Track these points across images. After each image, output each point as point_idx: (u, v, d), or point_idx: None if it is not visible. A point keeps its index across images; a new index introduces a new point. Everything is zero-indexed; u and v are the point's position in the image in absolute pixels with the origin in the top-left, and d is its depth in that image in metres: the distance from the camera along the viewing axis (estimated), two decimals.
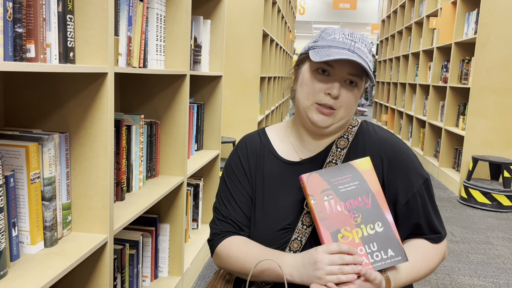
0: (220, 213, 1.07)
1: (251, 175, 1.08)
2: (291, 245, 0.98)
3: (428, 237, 1.03)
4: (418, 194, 1.00)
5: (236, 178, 1.08)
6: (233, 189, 1.07)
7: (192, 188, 2.27)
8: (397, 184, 1.00)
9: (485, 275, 2.44)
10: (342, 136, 1.04)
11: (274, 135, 1.11)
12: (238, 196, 1.07)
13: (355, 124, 1.07)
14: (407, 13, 7.24)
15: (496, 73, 3.97)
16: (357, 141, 1.04)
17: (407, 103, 6.78)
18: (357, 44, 0.95)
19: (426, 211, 1.01)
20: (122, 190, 1.46)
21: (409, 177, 1.00)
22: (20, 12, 0.88)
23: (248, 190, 1.07)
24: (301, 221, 0.99)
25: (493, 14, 3.90)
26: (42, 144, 1.03)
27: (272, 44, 4.61)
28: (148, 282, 1.77)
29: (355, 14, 14.08)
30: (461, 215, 3.53)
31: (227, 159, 1.14)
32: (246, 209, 1.06)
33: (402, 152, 1.02)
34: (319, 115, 0.96)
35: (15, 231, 0.98)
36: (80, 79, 1.11)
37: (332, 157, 1.02)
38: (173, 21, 1.74)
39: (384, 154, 1.01)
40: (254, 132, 1.14)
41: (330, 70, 0.95)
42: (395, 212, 1.00)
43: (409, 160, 1.02)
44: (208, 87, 2.44)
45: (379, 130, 1.06)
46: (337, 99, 0.95)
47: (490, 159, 3.76)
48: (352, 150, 1.03)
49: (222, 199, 1.09)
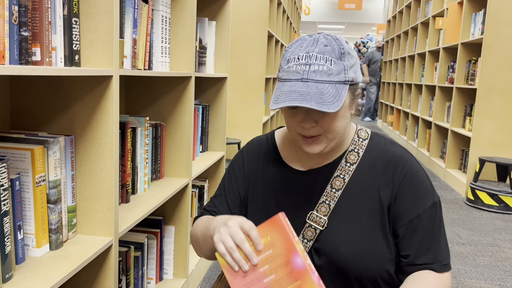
0: (211, 202, 1.11)
1: (249, 178, 1.07)
2: None
3: (432, 265, 0.95)
4: (423, 215, 0.94)
5: (234, 176, 1.09)
6: (228, 186, 1.09)
7: (197, 189, 2.27)
8: (402, 202, 0.95)
9: (492, 278, 2.41)
10: (352, 150, 0.99)
11: (281, 141, 1.08)
12: (229, 193, 1.08)
13: (366, 137, 1.01)
14: (413, 13, 7.20)
15: (503, 74, 3.93)
16: (368, 157, 0.99)
17: (413, 104, 6.75)
18: (312, 66, 0.86)
19: (431, 234, 0.95)
20: (127, 192, 1.46)
21: (417, 197, 0.96)
22: (25, 16, 0.89)
23: (241, 190, 1.07)
24: (302, 234, 0.96)
25: (500, 14, 3.87)
26: (48, 147, 1.03)
27: (277, 45, 4.60)
28: (153, 284, 1.77)
29: (360, 15, 14.03)
30: (468, 217, 3.50)
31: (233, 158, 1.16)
32: (234, 207, 1.07)
33: (413, 171, 0.97)
34: (307, 146, 0.93)
35: (21, 234, 0.98)
36: (85, 82, 1.11)
37: (340, 171, 0.98)
38: (178, 23, 1.74)
39: (394, 172, 0.97)
40: (263, 136, 1.13)
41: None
42: (396, 231, 0.95)
43: (420, 180, 0.97)
44: (213, 89, 2.43)
45: (391, 146, 1.00)
46: (314, 126, 0.90)
47: (497, 161, 3.73)
48: (361, 166, 0.98)
49: (218, 191, 1.12)
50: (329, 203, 0.96)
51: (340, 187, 0.97)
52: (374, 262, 0.93)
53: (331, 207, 0.96)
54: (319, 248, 0.95)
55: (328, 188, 0.97)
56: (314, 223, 0.96)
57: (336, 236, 0.95)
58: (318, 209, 0.96)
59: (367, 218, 0.95)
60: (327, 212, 0.96)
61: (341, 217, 0.96)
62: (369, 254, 0.93)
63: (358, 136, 1.02)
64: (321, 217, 0.96)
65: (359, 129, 1.04)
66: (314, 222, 0.96)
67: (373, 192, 0.96)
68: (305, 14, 12.96)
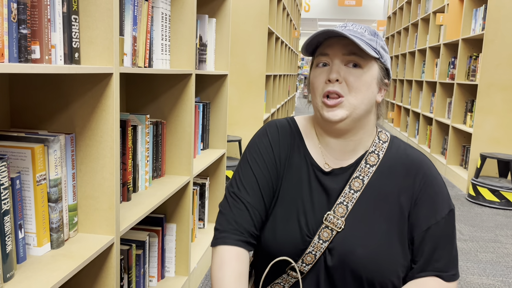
0: (238, 199, 0.96)
1: (280, 165, 0.98)
2: (305, 258, 0.93)
3: (441, 274, 0.94)
4: (441, 223, 0.94)
5: (264, 163, 0.98)
6: (259, 175, 0.97)
7: (198, 187, 2.27)
8: (422, 208, 0.94)
9: (494, 274, 2.41)
10: (373, 152, 0.97)
11: (304, 129, 1.02)
12: (263, 183, 0.96)
13: (386, 140, 1.00)
14: (414, 9, 7.18)
15: (504, 70, 3.92)
16: (388, 160, 0.97)
17: (414, 100, 6.74)
18: (348, 27, 0.92)
19: (446, 242, 0.95)
20: (128, 190, 1.46)
21: (436, 204, 0.95)
22: (24, 13, 0.88)
23: (274, 180, 0.98)
24: (318, 235, 0.93)
25: (500, 9, 3.86)
26: (48, 145, 1.03)
27: (277, 42, 4.59)
28: (155, 282, 1.77)
29: (360, 11, 14.00)
30: (469, 213, 3.50)
31: (252, 140, 1.03)
32: (268, 199, 0.97)
33: (433, 177, 0.96)
34: (328, 111, 0.91)
35: (22, 233, 0.98)
36: (85, 79, 1.11)
37: (359, 172, 0.96)
38: (178, 20, 1.74)
39: (415, 176, 0.96)
40: (283, 119, 1.05)
41: (327, 59, 0.92)
42: (413, 237, 0.94)
43: (439, 187, 0.96)
44: (213, 86, 2.43)
45: (411, 151, 1.00)
46: (340, 82, 0.90)
47: (499, 157, 3.73)
48: (381, 169, 0.96)
49: (243, 184, 0.97)
50: (346, 204, 0.94)
51: (358, 188, 0.95)
52: (388, 267, 0.91)
53: (348, 209, 0.94)
54: (334, 248, 0.93)
55: (346, 189, 0.95)
56: (331, 224, 0.93)
57: (352, 238, 0.92)
58: (335, 210, 0.94)
59: (385, 221, 0.93)
60: (344, 214, 0.93)
61: (359, 219, 0.93)
62: (384, 258, 0.91)
63: (378, 138, 1.00)
64: (338, 218, 0.93)
65: (379, 131, 1.02)
66: (331, 223, 0.93)
67: (392, 196, 0.95)
68: (305, 11, 12.94)
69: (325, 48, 0.92)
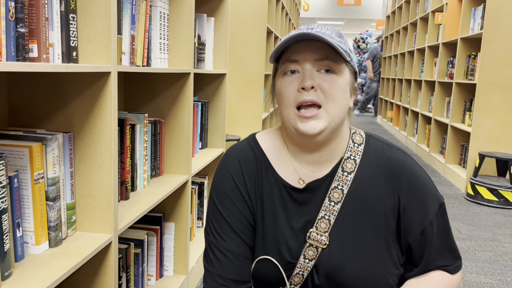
0: (217, 250, 0.91)
1: (250, 199, 0.93)
2: (292, 280, 0.90)
3: (447, 267, 0.93)
4: (435, 221, 0.91)
5: (233, 205, 0.92)
6: (231, 218, 0.91)
7: (197, 186, 2.27)
8: (412, 212, 0.90)
9: (493, 272, 2.42)
10: (348, 158, 0.91)
11: (269, 148, 0.95)
12: (237, 225, 0.91)
13: (361, 142, 0.93)
14: (412, 8, 7.19)
15: (503, 69, 3.93)
16: (366, 164, 0.91)
17: (413, 99, 6.74)
18: (315, 29, 0.85)
19: (443, 237, 0.93)
20: (126, 189, 1.46)
21: (426, 204, 0.91)
22: (22, 12, 0.88)
23: (249, 217, 0.92)
24: (303, 255, 0.89)
25: (499, 8, 3.86)
26: (46, 144, 1.03)
27: (276, 41, 4.59)
28: (154, 281, 1.77)
29: (359, 10, 14.00)
30: (468, 212, 3.50)
31: (215, 178, 0.96)
32: (249, 240, 0.92)
33: (416, 177, 0.92)
34: (305, 123, 0.83)
35: (20, 232, 0.98)
36: (83, 78, 1.11)
37: (337, 182, 0.90)
38: (176, 19, 1.74)
39: (399, 180, 0.91)
40: (242, 144, 0.97)
41: (296, 66, 0.85)
42: (409, 243, 0.91)
43: (425, 185, 0.92)
44: (212, 85, 2.43)
45: (389, 151, 0.93)
46: (315, 90, 0.83)
47: (497, 156, 3.73)
48: (360, 175, 0.91)
49: (218, 232, 0.92)
50: (328, 218, 0.89)
51: (339, 199, 0.89)
52: (378, 279, 0.88)
53: (331, 223, 0.89)
54: (320, 266, 0.89)
55: (326, 201, 0.90)
56: (315, 242, 0.89)
57: (338, 255, 0.89)
58: (317, 226, 0.89)
59: (371, 232, 0.89)
60: (327, 229, 0.89)
61: (343, 233, 0.89)
62: (373, 272, 0.88)
63: (353, 141, 0.93)
64: (321, 234, 0.89)
65: (352, 132, 0.95)
66: (315, 241, 0.89)
67: (377, 203, 0.90)
68: (304, 10, 12.94)
69: (292, 54, 0.86)
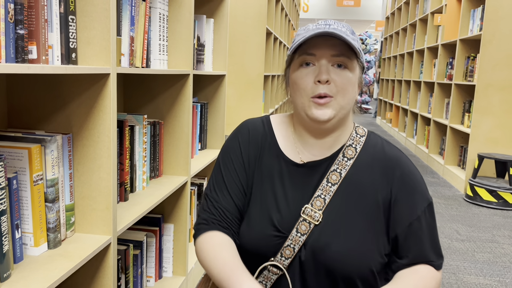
0: (210, 201, 1.01)
1: (249, 166, 1.01)
2: (283, 251, 0.94)
3: (432, 262, 0.97)
4: (422, 217, 0.96)
5: (232, 166, 1.02)
6: (227, 177, 1.01)
7: (196, 187, 2.27)
8: (401, 205, 0.96)
9: (491, 274, 2.42)
10: (350, 145, 0.99)
11: (278, 127, 1.04)
12: (231, 185, 1.00)
13: (363, 134, 1.02)
14: (412, 10, 7.20)
15: (502, 70, 3.93)
16: (365, 154, 0.99)
17: (412, 100, 6.75)
18: (332, 26, 0.91)
19: (429, 234, 0.97)
20: (125, 190, 1.46)
21: (415, 199, 0.97)
22: (21, 14, 0.88)
23: (243, 181, 1.01)
24: (296, 228, 0.94)
25: (498, 10, 3.87)
26: (45, 145, 1.03)
27: (275, 42, 4.59)
28: (153, 282, 1.77)
29: (359, 12, 14.02)
30: (467, 213, 3.51)
31: (225, 142, 1.06)
32: (239, 201, 1.00)
33: (410, 173, 0.98)
34: (318, 110, 0.91)
35: (18, 233, 0.98)
36: (82, 80, 1.11)
37: (337, 165, 0.97)
38: (176, 20, 1.74)
39: (393, 174, 0.97)
40: (257, 119, 1.07)
41: (312, 59, 0.92)
42: (396, 234, 0.96)
43: (417, 182, 0.98)
44: (211, 86, 2.43)
45: (388, 147, 1.01)
46: (328, 83, 0.90)
47: (496, 157, 3.74)
48: (358, 163, 0.98)
49: (214, 186, 1.02)
50: (324, 197, 0.95)
51: (336, 181, 0.96)
52: (361, 263, 0.92)
53: (326, 202, 0.95)
54: (309, 243, 0.94)
55: (324, 182, 0.96)
56: (309, 217, 0.94)
57: (327, 233, 0.93)
58: (313, 203, 0.95)
59: (361, 217, 0.94)
60: (322, 207, 0.95)
61: (336, 213, 0.95)
62: (357, 255, 0.92)
63: (356, 132, 1.02)
64: (315, 211, 0.94)
65: (356, 126, 1.04)
66: (308, 216, 0.94)
67: (370, 192, 0.96)
68: (304, 11, 12.96)
69: (310, 47, 0.92)
